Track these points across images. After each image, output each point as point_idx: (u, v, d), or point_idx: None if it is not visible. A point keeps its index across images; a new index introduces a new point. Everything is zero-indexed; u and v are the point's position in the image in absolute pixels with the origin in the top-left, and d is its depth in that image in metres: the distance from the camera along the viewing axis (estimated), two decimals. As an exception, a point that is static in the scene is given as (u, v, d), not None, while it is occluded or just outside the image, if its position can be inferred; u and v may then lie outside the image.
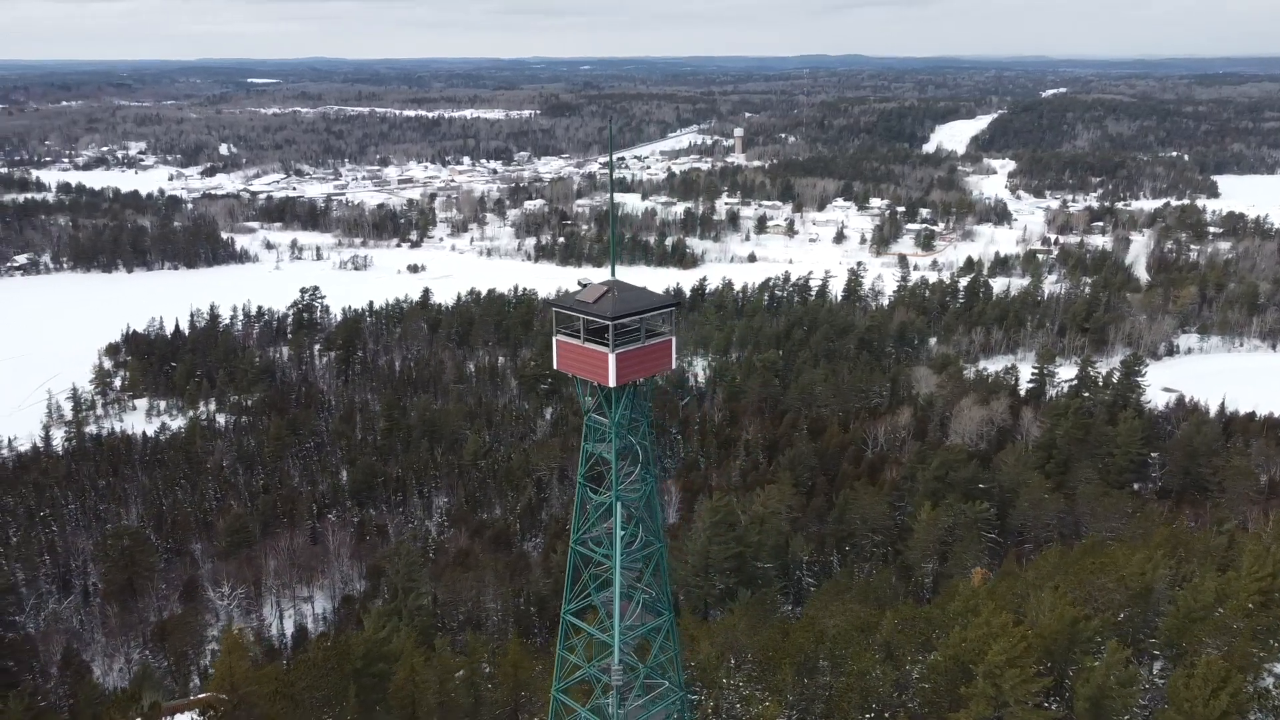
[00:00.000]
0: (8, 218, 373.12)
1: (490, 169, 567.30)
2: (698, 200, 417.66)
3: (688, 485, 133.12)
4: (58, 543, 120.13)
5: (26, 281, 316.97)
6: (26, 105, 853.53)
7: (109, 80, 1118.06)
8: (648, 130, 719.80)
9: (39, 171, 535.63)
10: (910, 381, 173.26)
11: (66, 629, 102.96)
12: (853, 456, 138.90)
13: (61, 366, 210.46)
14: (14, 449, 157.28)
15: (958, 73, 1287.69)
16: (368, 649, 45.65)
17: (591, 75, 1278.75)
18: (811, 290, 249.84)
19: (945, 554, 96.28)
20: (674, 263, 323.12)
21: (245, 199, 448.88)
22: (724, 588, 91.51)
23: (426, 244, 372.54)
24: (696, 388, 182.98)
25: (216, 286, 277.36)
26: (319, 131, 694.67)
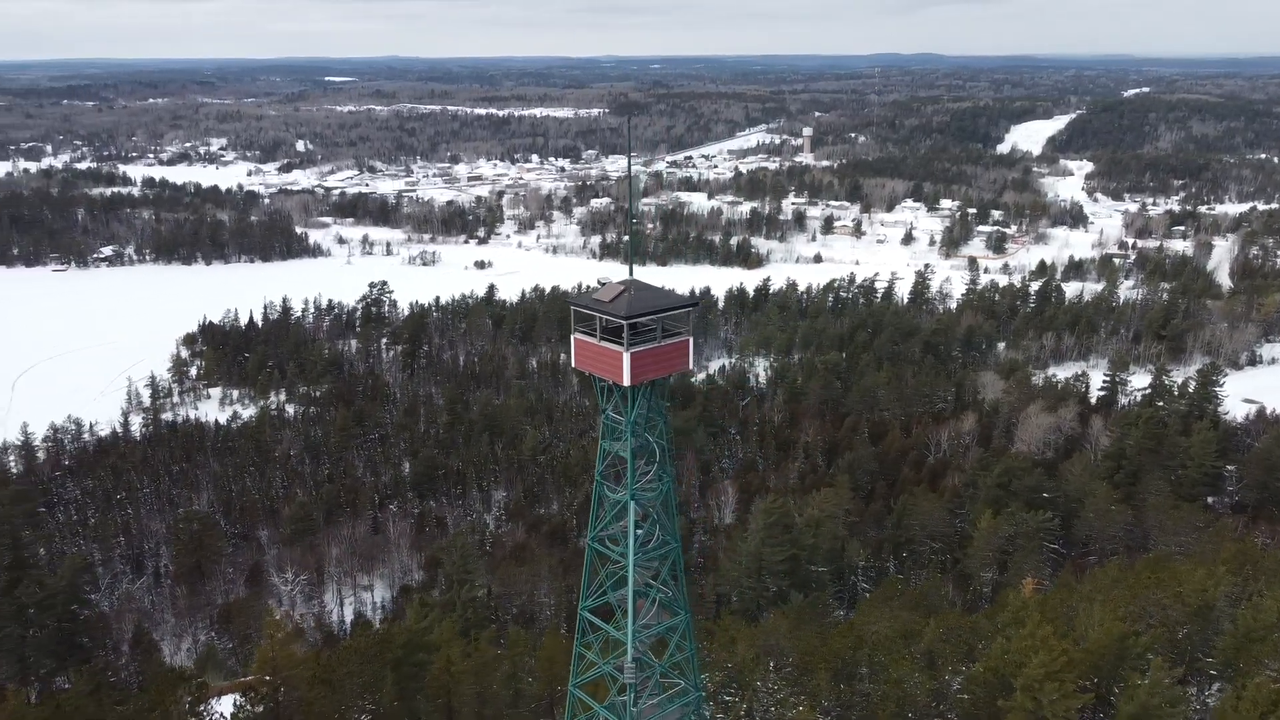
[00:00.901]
0: (95, 211, 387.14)
1: (558, 167, 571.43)
2: (764, 200, 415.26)
3: (745, 486, 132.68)
4: (132, 525, 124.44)
5: (111, 272, 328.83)
6: (116, 103, 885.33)
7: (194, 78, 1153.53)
8: (715, 129, 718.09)
9: (126, 167, 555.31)
10: (976, 386, 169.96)
11: (138, 608, 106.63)
12: (914, 461, 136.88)
13: (142, 355, 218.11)
14: (95, 434, 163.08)
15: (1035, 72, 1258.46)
16: (408, 639, 46.52)
17: (661, 74, 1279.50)
18: (877, 292, 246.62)
19: (1005, 563, 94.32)
20: (738, 262, 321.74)
21: (319, 195, 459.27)
22: (777, 590, 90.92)
23: (494, 241, 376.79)
24: (757, 388, 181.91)
25: (289, 280, 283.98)
26: (392, 129, 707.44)
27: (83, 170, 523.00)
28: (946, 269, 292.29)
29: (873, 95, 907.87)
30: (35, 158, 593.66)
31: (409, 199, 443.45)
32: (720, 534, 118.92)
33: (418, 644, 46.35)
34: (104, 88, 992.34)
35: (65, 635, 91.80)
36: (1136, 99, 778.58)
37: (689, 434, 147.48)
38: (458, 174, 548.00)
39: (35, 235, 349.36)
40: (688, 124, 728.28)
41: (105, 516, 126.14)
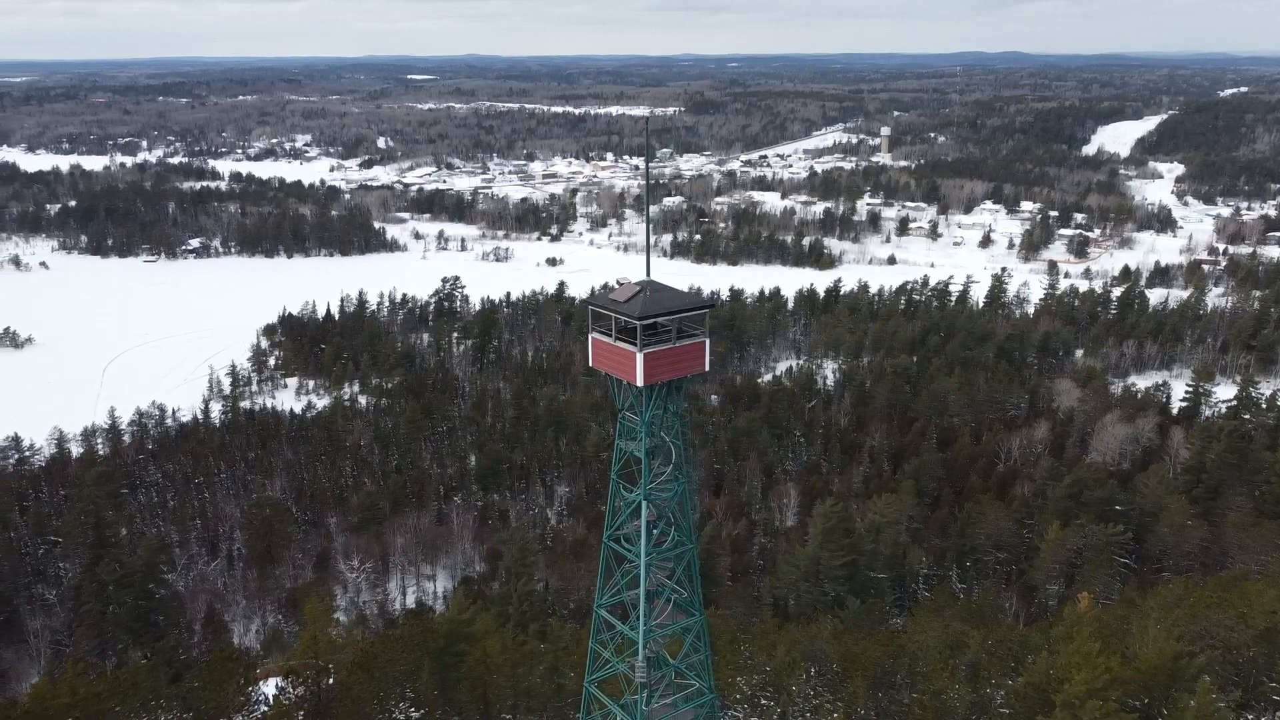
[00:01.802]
0: (185, 204, 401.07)
1: (632, 165, 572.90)
2: (838, 200, 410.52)
3: (807, 489, 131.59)
4: (209, 508, 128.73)
5: (198, 264, 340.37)
6: (208, 100, 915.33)
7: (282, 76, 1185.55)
8: (791, 128, 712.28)
9: (215, 161, 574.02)
10: (1051, 394, 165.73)
11: (211, 589, 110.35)
12: (983, 469, 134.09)
13: (224, 344, 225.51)
14: (177, 419, 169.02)
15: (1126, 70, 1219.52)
16: (450, 629, 47.29)
17: (738, 72, 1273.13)
18: (951, 295, 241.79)
19: (1072, 577, 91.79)
20: (810, 263, 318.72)
21: (398, 190, 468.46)
22: (834, 595, 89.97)
23: (566, 238, 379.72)
24: (824, 390, 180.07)
25: (366, 273, 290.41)
26: (470, 127, 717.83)
27: (175, 165, 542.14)
28: (1025, 273, 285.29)
29: (954, 94, 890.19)
30: (132, 152, 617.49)
31: (484, 196, 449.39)
32: (781, 536, 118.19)
33: (459, 635, 47.14)
34: (197, 85, 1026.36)
35: (142, 613, 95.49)
36: (1233, 99, 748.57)
37: (753, 435, 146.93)
38: (533, 171, 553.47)
39: (129, 227, 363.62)
40: (763, 123, 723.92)
41: (183, 500, 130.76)
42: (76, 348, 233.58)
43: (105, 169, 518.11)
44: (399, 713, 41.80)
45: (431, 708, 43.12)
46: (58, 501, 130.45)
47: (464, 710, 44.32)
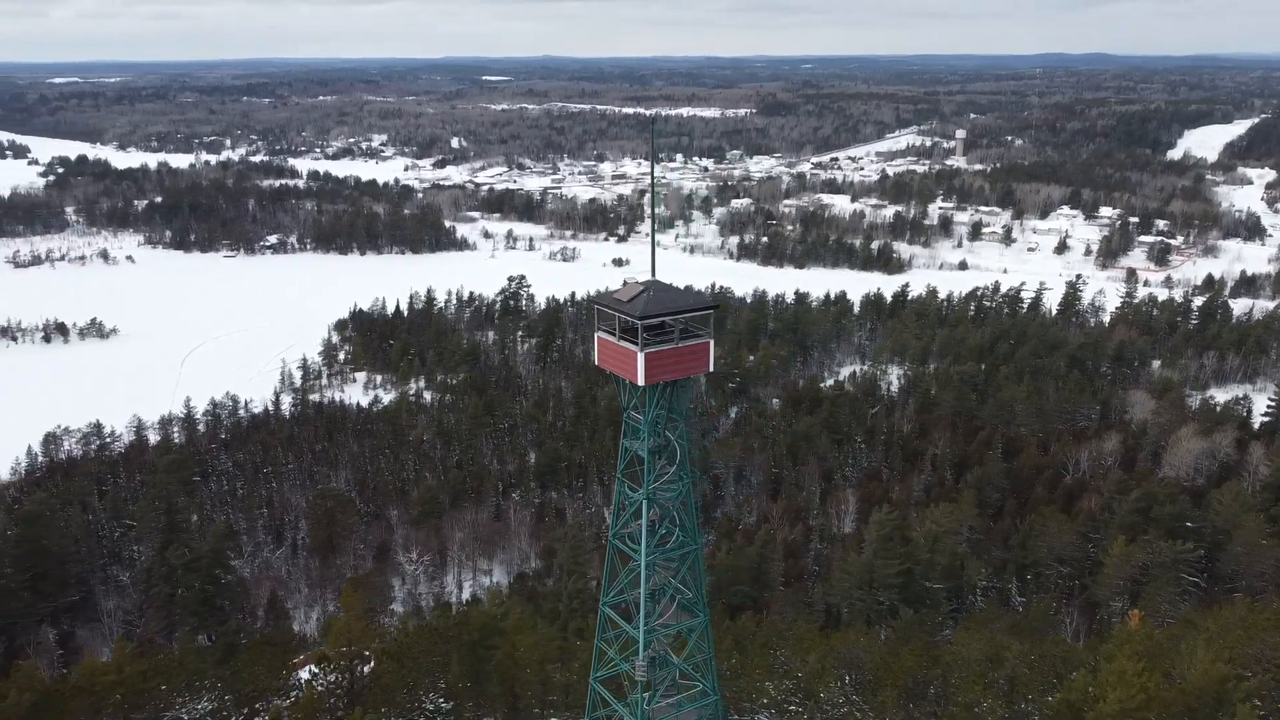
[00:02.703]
0: (264, 201, 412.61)
1: (701, 166, 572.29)
2: (909, 204, 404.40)
3: (866, 496, 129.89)
4: (275, 498, 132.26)
5: (275, 259, 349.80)
6: (289, 100, 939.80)
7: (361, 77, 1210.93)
8: (864, 131, 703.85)
9: (295, 160, 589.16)
10: (1124, 405, 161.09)
11: (274, 576, 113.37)
12: (1048, 481, 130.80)
13: (297, 338, 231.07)
14: (249, 410, 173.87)
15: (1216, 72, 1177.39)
16: (484, 622, 47.90)
17: (812, 74, 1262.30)
18: (1023, 302, 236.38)
19: (1137, 594, 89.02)
20: (879, 267, 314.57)
21: (469, 190, 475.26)
22: (888, 604, 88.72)
23: (633, 239, 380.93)
24: (888, 397, 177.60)
25: (436, 271, 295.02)
26: (542, 127, 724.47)
27: (256, 163, 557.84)
28: (1101, 280, 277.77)
29: (1033, 97, 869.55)
30: (215, 150, 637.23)
31: (553, 196, 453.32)
32: (837, 543, 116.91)
33: (493, 629, 47.76)
34: (280, 85, 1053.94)
35: (207, 597, 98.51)
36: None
37: (812, 440, 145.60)
38: (602, 172, 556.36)
39: (210, 223, 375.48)
40: (835, 125, 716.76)
41: (252, 488, 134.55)
42: (158, 339, 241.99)
43: (190, 167, 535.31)
44: (428, 703, 42.58)
45: (461, 699, 43.79)
46: (134, 487, 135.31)
47: (493, 704, 44.94)
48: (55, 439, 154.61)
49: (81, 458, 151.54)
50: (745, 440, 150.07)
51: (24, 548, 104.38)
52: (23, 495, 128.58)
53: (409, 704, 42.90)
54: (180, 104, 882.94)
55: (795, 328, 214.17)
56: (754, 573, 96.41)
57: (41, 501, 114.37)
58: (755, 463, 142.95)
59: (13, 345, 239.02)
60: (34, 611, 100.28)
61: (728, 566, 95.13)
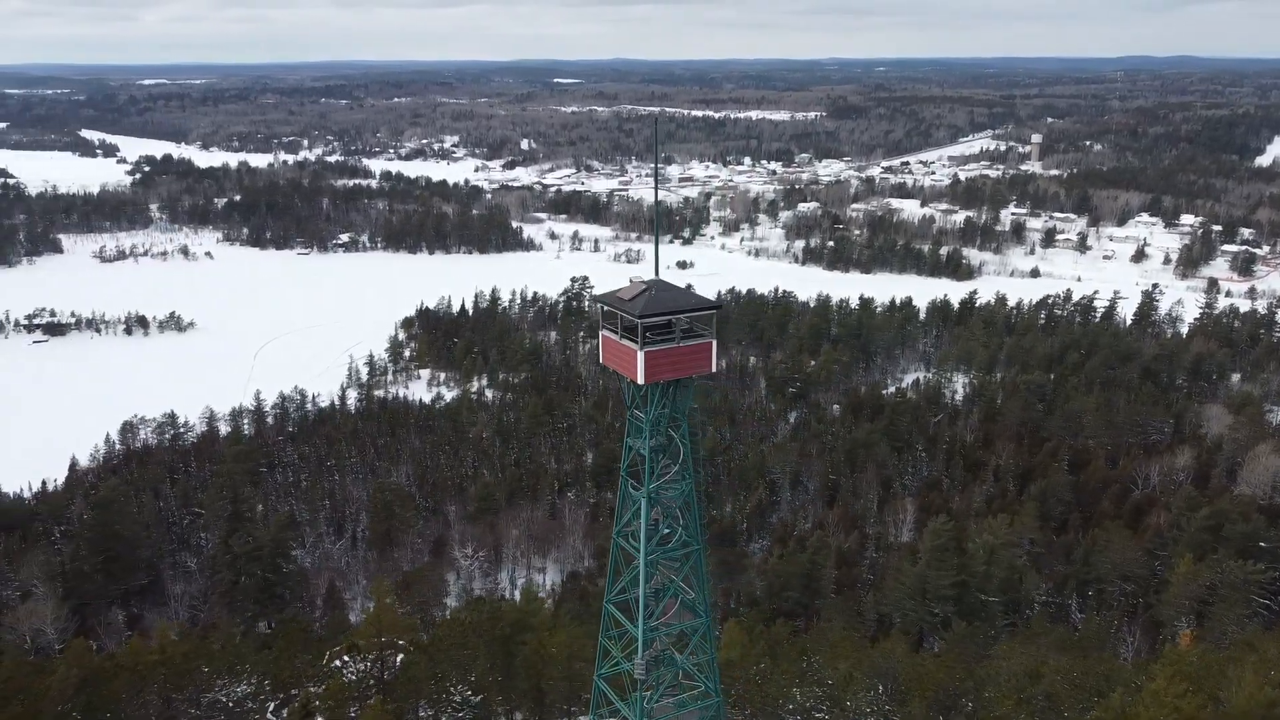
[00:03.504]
0: (337, 201, 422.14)
1: (769, 170, 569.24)
2: (981, 209, 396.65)
3: (926, 505, 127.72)
4: (337, 491, 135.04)
5: (346, 258, 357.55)
6: (366, 101, 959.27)
7: (435, 79, 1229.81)
8: (936, 135, 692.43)
9: (368, 160, 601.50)
10: (1199, 419, 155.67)
11: (334, 567, 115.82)
12: (1116, 495, 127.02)
13: (365, 335, 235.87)
14: (316, 404, 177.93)
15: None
16: (516, 618, 48.30)
17: (884, 77, 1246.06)
18: (1096, 311, 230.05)
19: (1203, 615, 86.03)
20: (947, 273, 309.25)
21: (537, 191, 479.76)
22: (941, 616, 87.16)
23: (698, 241, 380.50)
24: (952, 405, 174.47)
25: (501, 271, 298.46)
26: (611, 130, 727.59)
27: (331, 163, 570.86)
28: (1180, 290, 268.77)
29: (1115, 100, 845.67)
30: (294, 151, 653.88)
31: (620, 198, 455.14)
32: (894, 552, 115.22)
33: (523, 624, 48.14)
34: (356, 87, 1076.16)
35: (268, 585, 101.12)
36: None
37: (871, 447, 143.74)
38: (669, 174, 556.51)
39: (285, 221, 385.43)
40: (907, 128, 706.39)
41: (315, 481, 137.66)
42: (233, 333, 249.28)
43: (269, 166, 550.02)
44: (456, 695, 43.11)
45: (490, 693, 44.30)
46: (204, 476, 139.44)
47: (521, 698, 45.37)
48: (132, 428, 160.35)
49: (156, 446, 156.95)
50: (803, 446, 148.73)
51: (98, 531, 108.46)
52: (100, 481, 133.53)
53: (437, 695, 43.55)
54: (261, 105, 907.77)
55: (858, 333, 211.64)
56: (805, 579, 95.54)
57: (115, 488, 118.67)
58: (812, 469, 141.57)
59: (96, 337, 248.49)
60: (105, 593, 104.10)
61: (779, 572, 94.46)
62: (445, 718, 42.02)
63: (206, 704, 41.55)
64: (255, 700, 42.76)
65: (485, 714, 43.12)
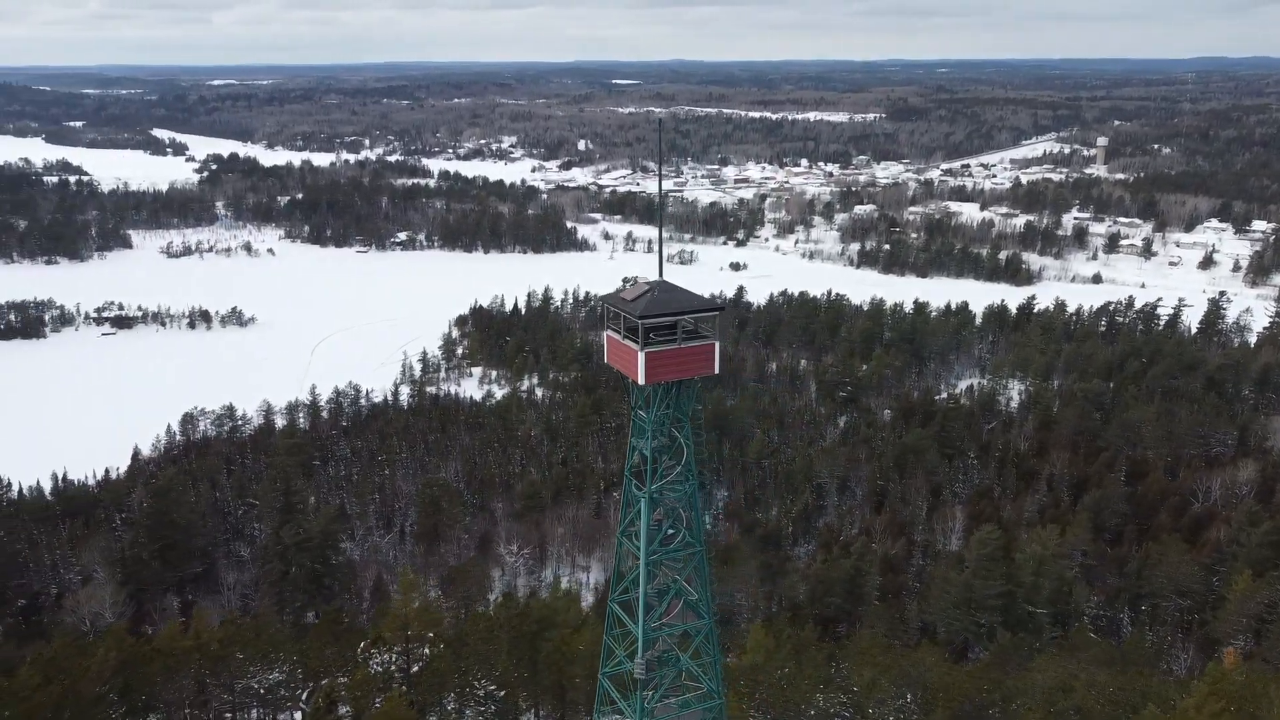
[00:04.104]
0: (396, 200, 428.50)
1: (826, 172, 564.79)
2: (1042, 213, 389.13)
3: (976, 513, 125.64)
4: (387, 485, 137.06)
5: (404, 256, 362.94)
6: (426, 102, 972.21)
7: (495, 80, 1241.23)
8: (998, 137, 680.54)
9: (428, 160, 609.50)
10: (1265, 432, 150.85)
11: (381, 560, 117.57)
12: (1174, 508, 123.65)
13: (419, 332, 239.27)
14: (370, 400, 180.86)
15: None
16: (543, 615, 48.61)
17: (946, 78, 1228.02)
18: (1159, 319, 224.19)
19: (1261, 634, 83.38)
20: (1005, 278, 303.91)
21: (592, 191, 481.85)
22: (987, 626, 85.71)
23: (752, 243, 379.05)
24: (1006, 412, 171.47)
25: (555, 271, 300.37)
26: (667, 131, 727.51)
27: (391, 163, 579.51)
28: (1250, 298, 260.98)
29: (1185, 103, 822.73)
30: (355, 150, 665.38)
31: (675, 199, 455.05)
32: (941, 560, 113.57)
33: (550, 622, 48.45)
34: (418, 88, 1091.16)
35: (317, 576, 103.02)
36: None
37: (921, 453, 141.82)
38: (725, 176, 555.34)
39: (346, 219, 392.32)
40: (968, 131, 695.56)
41: (366, 475, 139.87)
42: (291, 328, 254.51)
43: (331, 165, 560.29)
44: (480, 688, 43.60)
45: (514, 688, 44.70)
46: (259, 468, 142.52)
47: (544, 695, 45.67)
48: (192, 419, 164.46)
49: (214, 438, 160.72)
50: (852, 450, 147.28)
51: (156, 519, 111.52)
52: (160, 471, 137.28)
53: (461, 688, 44.10)
54: (325, 105, 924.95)
55: (912, 338, 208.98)
56: (848, 585, 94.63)
57: (173, 477, 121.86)
58: (861, 474, 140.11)
59: (161, 330, 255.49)
60: (161, 580, 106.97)
61: (822, 577, 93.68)
62: (470, 711, 42.62)
63: (240, 690, 42.68)
64: (287, 688, 43.73)
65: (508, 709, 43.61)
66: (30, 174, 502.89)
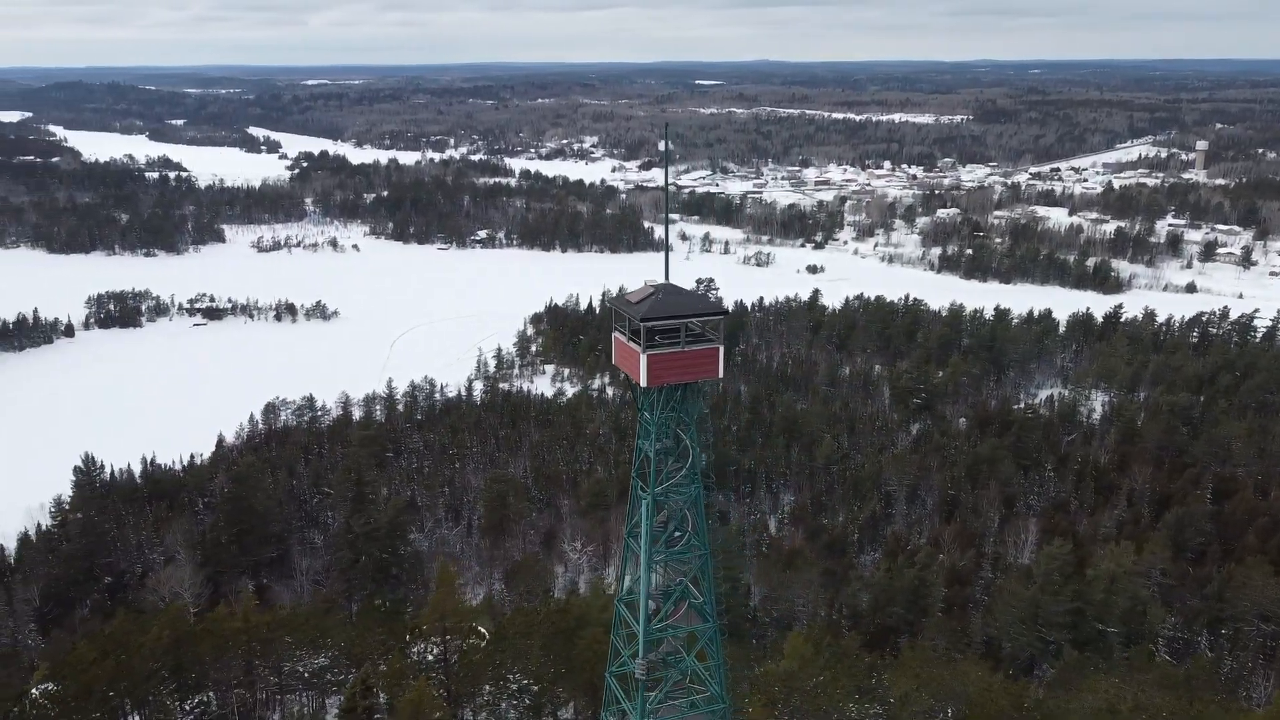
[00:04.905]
0: (478, 198, 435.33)
1: (909, 174, 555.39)
2: (1134, 219, 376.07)
3: (1050, 527, 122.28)
4: (457, 478, 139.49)
5: (483, 253, 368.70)
6: (510, 102, 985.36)
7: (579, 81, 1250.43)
8: (1091, 140, 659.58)
9: (510, 160, 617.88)
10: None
11: (447, 552, 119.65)
12: (1263, 529, 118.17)
13: (496, 328, 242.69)
14: (444, 394, 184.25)
15: None
16: (581, 613, 48.92)
17: (1040, 79, 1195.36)
18: (1256, 331, 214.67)
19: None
20: (1093, 285, 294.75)
21: (671, 192, 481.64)
22: (1054, 643, 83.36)
23: (830, 246, 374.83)
24: (1087, 424, 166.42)
25: (630, 271, 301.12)
26: (748, 132, 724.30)
27: (474, 162, 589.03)
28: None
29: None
30: (440, 149, 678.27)
31: (754, 200, 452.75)
32: (1011, 573, 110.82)
33: (587, 619, 48.74)
34: (503, 88, 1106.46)
35: (384, 565, 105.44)
36: None
37: (996, 463, 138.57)
38: (805, 178, 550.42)
39: (428, 217, 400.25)
40: (1059, 133, 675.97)
41: (437, 468, 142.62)
42: (372, 322, 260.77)
43: (416, 164, 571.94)
44: (514, 682, 44.16)
45: (548, 683, 45.14)
46: (335, 458, 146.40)
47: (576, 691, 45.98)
48: (274, 409, 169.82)
49: (294, 427, 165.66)
50: (923, 459, 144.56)
51: (234, 505, 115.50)
52: (240, 458, 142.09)
53: (496, 681, 44.73)
54: (412, 105, 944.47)
55: (991, 345, 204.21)
56: (911, 595, 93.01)
57: (252, 464, 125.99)
58: (932, 482, 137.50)
59: (249, 322, 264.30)
60: (238, 564, 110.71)
61: (884, 586, 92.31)
62: (504, 703, 43.26)
63: (286, 672, 44.09)
64: (332, 673, 45.00)
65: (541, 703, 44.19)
66: (134, 170, 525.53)
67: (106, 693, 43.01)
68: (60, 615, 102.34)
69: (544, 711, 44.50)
